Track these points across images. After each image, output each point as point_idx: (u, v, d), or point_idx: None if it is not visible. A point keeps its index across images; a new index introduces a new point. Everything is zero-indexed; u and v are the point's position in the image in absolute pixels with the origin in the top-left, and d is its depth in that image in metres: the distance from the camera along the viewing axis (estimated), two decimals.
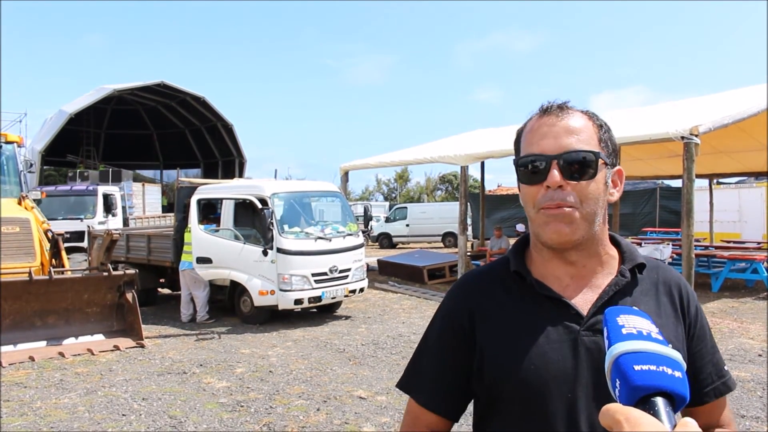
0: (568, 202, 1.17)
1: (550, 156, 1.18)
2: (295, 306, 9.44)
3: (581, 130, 1.21)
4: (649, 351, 0.86)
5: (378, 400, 5.80)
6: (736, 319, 9.32)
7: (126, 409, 5.61)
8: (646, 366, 0.84)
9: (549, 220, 1.18)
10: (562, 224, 1.17)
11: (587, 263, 1.24)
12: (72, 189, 18.35)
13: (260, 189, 9.90)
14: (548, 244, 1.21)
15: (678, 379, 0.84)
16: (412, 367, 1.37)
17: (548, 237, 1.19)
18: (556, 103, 1.25)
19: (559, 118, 1.22)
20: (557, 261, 1.25)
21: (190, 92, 30.01)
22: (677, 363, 0.86)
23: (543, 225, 1.19)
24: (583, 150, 1.18)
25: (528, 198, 1.22)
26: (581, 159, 1.18)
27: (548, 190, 1.18)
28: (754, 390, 5.88)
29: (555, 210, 1.17)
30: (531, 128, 1.25)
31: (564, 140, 1.19)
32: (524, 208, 1.25)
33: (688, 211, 9.69)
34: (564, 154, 1.18)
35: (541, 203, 1.19)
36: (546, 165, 1.18)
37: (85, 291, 8.19)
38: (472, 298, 1.30)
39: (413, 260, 15.11)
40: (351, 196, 28.69)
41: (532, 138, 1.23)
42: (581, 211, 1.18)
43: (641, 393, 0.82)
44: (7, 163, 9.78)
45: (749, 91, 12.81)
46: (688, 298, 1.29)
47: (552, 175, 1.17)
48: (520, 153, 1.25)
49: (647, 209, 23.41)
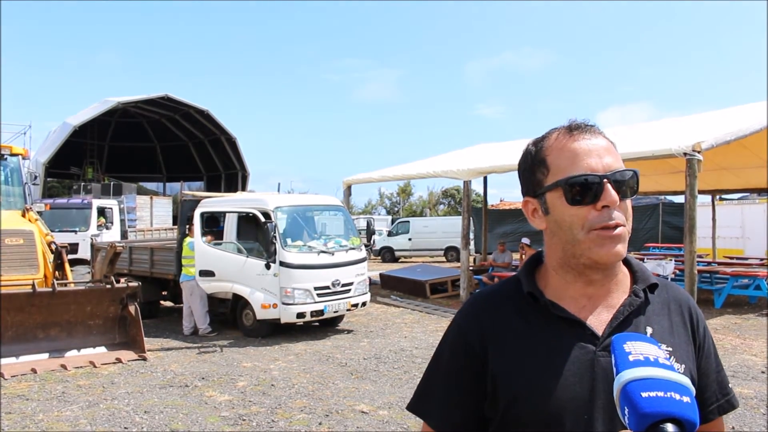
0: (621, 221, 1.15)
1: (603, 175, 1.15)
2: (297, 320, 9.44)
3: (612, 150, 1.19)
4: (656, 377, 0.87)
5: (380, 415, 5.78)
6: (739, 336, 9.28)
7: (128, 422, 5.60)
8: (654, 392, 0.84)
9: (605, 241, 1.14)
10: (619, 244, 1.15)
11: (606, 283, 1.22)
12: (68, 202, 18.97)
13: (263, 202, 9.93)
14: (597, 265, 1.18)
15: (686, 404, 0.84)
16: (423, 389, 1.35)
17: (604, 258, 1.15)
18: (584, 122, 1.23)
19: (594, 136, 1.20)
20: (580, 282, 1.22)
21: (194, 105, 30.19)
22: (685, 388, 0.86)
23: (597, 246, 1.15)
24: (629, 169, 1.17)
25: (574, 219, 1.16)
26: (629, 177, 1.17)
27: (604, 210, 1.14)
28: (757, 407, 5.85)
29: (611, 231, 1.14)
30: (564, 146, 1.20)
31: (606, 159, 1.16)
32: (562, 231, 1.19)
33: (690, 227, 9.69)
34: (615, 173, 1.15)
35: (595, 224, 1.14)
36: (600, 184, 1.14)
37: (87, 303, 8.20)
38: (483, 321, 1.27)
39: (416, 274, 15.09)
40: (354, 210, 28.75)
41: (573, 157, 1.18)
42: (627, 230, 1.17)
43: (650, 420, 0.82)
44: (11, 175, 9.83)
45: (751, 108, 12.84)
46: (697, 317, 1.29)
47: (610, 194, 1.13)
48: (552, 172, 1.20)
49: (650, 225, 23.37)
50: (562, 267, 1.23)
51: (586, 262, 1.17)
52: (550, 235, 1.23)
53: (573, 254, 1.19)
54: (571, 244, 1.18)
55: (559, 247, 1.22)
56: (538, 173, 1.22)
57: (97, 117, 28.08)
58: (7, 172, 9.73)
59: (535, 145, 1.25)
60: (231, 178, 33.46)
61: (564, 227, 1.18)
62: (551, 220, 1.21)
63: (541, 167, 1.22)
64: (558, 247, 1.22)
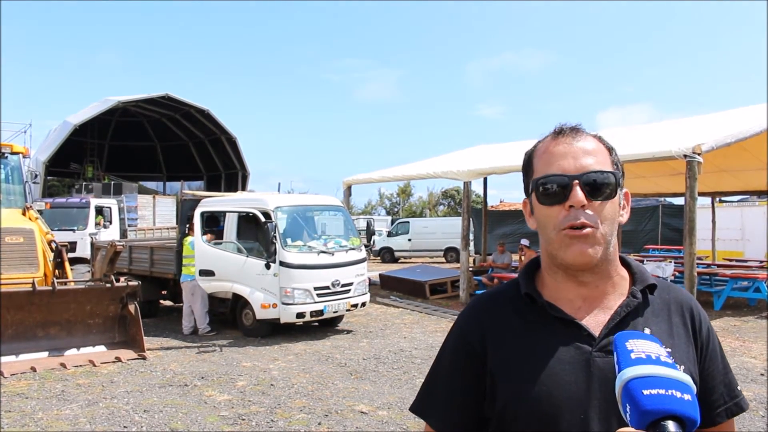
0: (591, 222, 1.16)
1: (572, 175, 1.17)
2: (297, 320, 9.44)
3: (597, 152, 1.21)
4: (658, 375, 0.88)
5: (379, 415, 5.78)
6: (738, 338, 9.29)
7: (127, 421, 5.60)
8: (656, 390, 0.85)
9: (572, 241, 1.16)
10: (586, 245, 1.16)
11: (600, 285, 1.23)
12: (67, 201, 19.30)
13: (263, 202, 9.94)
14: (569, 266, 1.20)
15: (687, 402, 0.85)
16: (425, 391, 1.36)
17: (571, 258, 1.17)
18: (569, 126, 1.25)
19: (575, 140, 1.22)
20: (571, 283, 1.23)
21: (195, 105, 30.16)
22: (686, 386, 0.87)
23: (565, 246, 1.17)
24: (604, 170, 1.19)
25: (547, 219, 1.20)
26: (602, 179, 1.18)
27: (571, 210, 1.16)
28: (756, 409, 5.86)
29: (578, 231, 1.16)
30: (546, 149, 1.24)
31: (583, 161, 1.19)
32: (541, 231, 1.24)
33: (690, 229, 9.71)
34: (585, 174, 1.17)
35: (563, 224, 1.17)
36: (568, 185, 1.17)
37: (87, 302, 8.21)
38: (484, 321, 1.29)
39: (415, 275, 15.09)
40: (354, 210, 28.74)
41: (549, 159, 1.22)
42: (601, 232, 1.17)
43: (651, 417, 0.84)
44: (12, 173, 9.84)
45: (751, 110, 12.86)
46: (699, 319, 1.28)
47: (576, 194, 1.16)
48: (534, 174, 1.24)
49: (650, 227, 23.39)
50: (550, 267, 1.26)
51: (560, 263, 1.21)
52: (539, 235, 1.28)
53: (550, 254, 1.23)
54: (547, 243, 1.23)
55: (543, 247, 1.26)
56: (529, 174, 1.28)
57: (97, 116, 28.05)
58: (7, 170, 9.74)
59: (532, 148, 1.30)
60: (231, 177, 33.44)
61: (541, 227, 1.23)
62: (535, 220, 1.27)
63: (529, 169, 1.28)
64: (543, 247, 1.27)
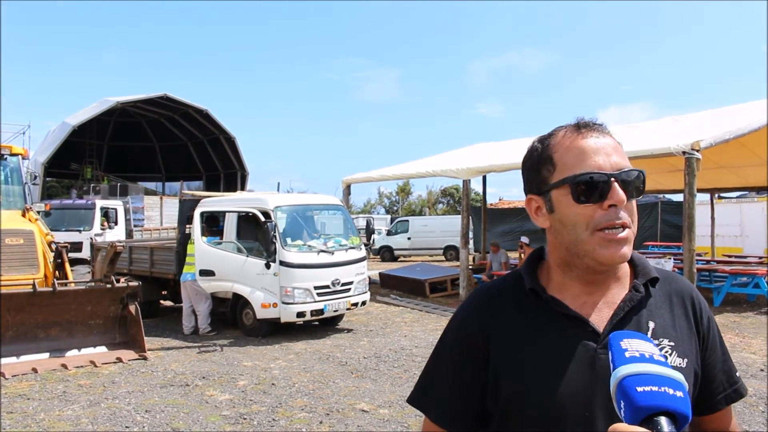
0: (628, 221, 1.13)
1: (610, 174, 1.13)
2: (297, 319, 9.45)
3: (620, 149, 1.18)
4: (651, 373, 0.90)
5: (380, 414, 5.80)
6: (738, 334, 9.31)
7: (129, 421, 5.61)
8: (649, 387, 0.88)
9: (610, 244, 1.12)
10: (624, 246, 1.13)
11: (606, 280, 1.22)
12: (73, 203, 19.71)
13: (263, 202, 9.94)
14: (599, 265, 1.16)
15: (679, 398, 0.88)
16: (424, 382, 1.34)
17: (606, 259, 1.13)
18: (591, 120, 1.21)
19: (602, 135, 1.18)
20: (582, 280, 1.21)
21: (193, 105, 30.18)
22: (679, 383, 0.90)
23: (601, 247, 1.13)
24: (637, 169, 1.15)
25: (578, 218, 1.14)
26: (636, 177, 1.15)
27: (611, 209, 1.12)
28: (756, 405, 5.88)
29: (615, 232, 1.12)
30: (572, 144, 1.18)
31: (614, 158, 1.15)
32: (565, 230, 1.18)
33: (689, 225, 9.72)
34: (623, 172, 1.14)
35: (600, 223, 1.12)
36: (607, 182, 1.12)
37: (88, 303, 8.21)
38: (485, 315, 1.26)
39: (415, 273, 15.11)
40: (353, 209, 28.74)
41: (580, 154, 1.16)
42: (632, 231, 1.14)
43: (645, 413, 0.86)
44: (11, 175, 9.84)
45: (750, 106, 12.86)
46: (701, 308, 1.28)
47: (617, 193, 1.11)
48: (559, 170, 1.18)
49: (649, 223, 23.40)
50: (564, 265, 1.22)
51: (589, 263, 1.16)
52: (554, 233, 1.22)
53: (576, 254, 1.17)
54: (574, 243, 1.16)
55: (562, 245, 1.20)
56: (544, 171, 1.21)
57: (96, 117, 28.08)
58: (7, 171, 9.74)
59: (542, 143, 1.24)
60: (230, 177, 33.46)
61: (568, 226, 1.16)
62: (555, 218, 1.20)
63: (547, 164, 1.20)
64: (561, 246, 1.21)
